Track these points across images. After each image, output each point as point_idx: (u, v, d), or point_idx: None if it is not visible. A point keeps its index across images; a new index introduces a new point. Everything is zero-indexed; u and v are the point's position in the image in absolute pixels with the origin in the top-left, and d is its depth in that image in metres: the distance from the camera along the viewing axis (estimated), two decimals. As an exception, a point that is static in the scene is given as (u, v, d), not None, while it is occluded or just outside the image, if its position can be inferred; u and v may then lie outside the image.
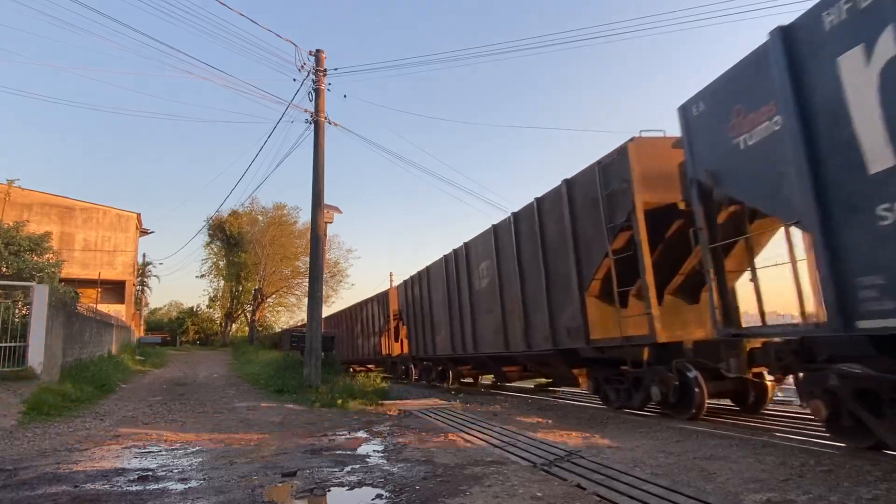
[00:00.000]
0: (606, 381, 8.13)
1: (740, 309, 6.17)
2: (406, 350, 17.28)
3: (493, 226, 10.71)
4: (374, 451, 5.64)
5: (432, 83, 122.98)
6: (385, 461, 5.03)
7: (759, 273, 6.18)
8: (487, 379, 15.02)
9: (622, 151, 7.09)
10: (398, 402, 10.91)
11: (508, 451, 5.21)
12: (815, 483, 3.59)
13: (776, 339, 5.44)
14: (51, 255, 15.60)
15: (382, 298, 19.16)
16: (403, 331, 17.65)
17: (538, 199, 9.04)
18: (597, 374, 8.34)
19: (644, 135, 7.10)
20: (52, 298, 11.21)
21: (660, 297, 7.12)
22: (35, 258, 14.49)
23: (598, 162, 7.56)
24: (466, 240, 12.37)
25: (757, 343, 5.70)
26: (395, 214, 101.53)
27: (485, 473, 4.32)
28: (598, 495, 3.61)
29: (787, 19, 4.72)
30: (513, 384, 13.65)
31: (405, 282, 16.95)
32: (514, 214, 9.90)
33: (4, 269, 13.51)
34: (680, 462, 4.39)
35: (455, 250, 12.83)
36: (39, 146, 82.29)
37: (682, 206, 6.80)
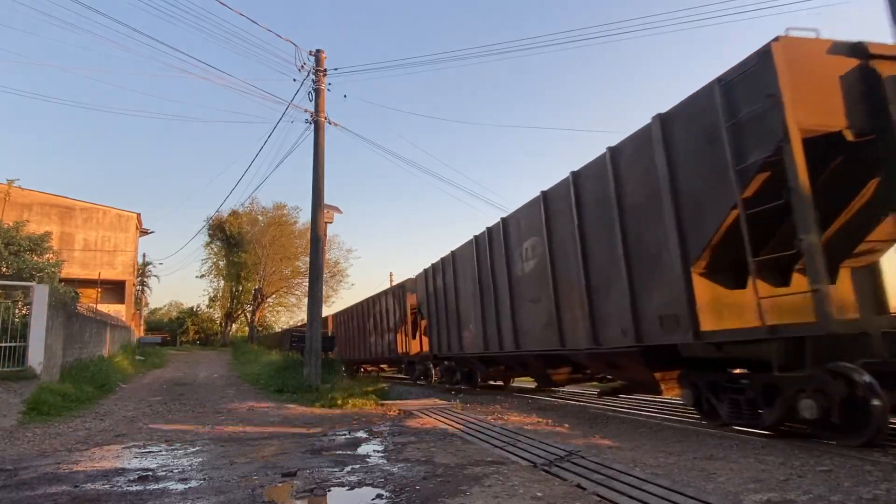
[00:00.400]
0: (713, 390, 5.95)
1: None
2: (426, 348, 15.61)
3: (543, 192, 8.63)
4: (374, 451, 5.64)
5: (433, 83, 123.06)
6: (385, 461, 5.03)
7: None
8: (520, 382, 13.62)
9: (764, 55, 4.99)
10: (398, 402, 10.91)
11: (508, 451, 5.21)
12: (815, 483, 3.58)
13: None
14: (51, 255, 15.61)
15: (398, 291, 17.67)
16: (423, 327, 16.04)
17: (612, 149, 7.02)
18: (697, 379, 6.15)
19: (792, 34, 5.02)
20: (52, 298, 11.21)
21: (785, 275, 5.43)
22: (35, 258, 14.50)
23: (719, 79, 5.41)
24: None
25: None
26: (395, 214, 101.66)
27: (485, 473, 4.32)
28: (599, 495, 3.61)
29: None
30: (515, 385, 13.58)
31: (425, 270, 15.02)
32: (575, 174, 7.85)
33: (4, 269, 13.51)
34: (680, 462, 4.39)
35: (489, 228, 10.80)
36: (39, 146, 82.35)
37: (849, 135, 4.90)
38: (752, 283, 5.12)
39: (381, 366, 21.07)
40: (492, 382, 13.38)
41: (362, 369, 21.42)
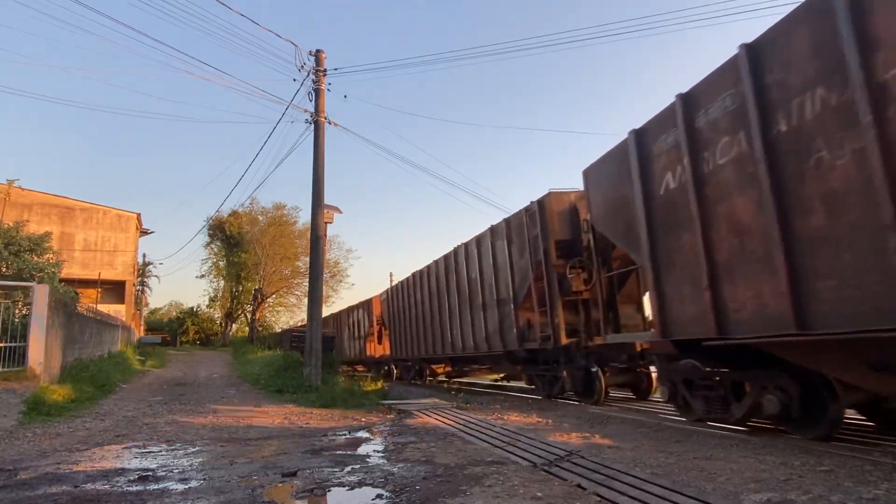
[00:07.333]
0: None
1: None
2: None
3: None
4: (374, 450, 5.64)
5: (434, 84, 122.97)
6: (385, 461, 5.03)
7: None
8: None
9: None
10: (398, 401, 10.90)
11: (508, 451, 5.21)
12: (815, 483, 3.59)
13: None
14: (51, 256, 15.59)
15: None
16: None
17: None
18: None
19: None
20: (51, 299, 11.20)
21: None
22: (35, 258, 14.47)
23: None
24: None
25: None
26: (395, 214, 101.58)
27: (485, 473, 4.32)
28: (599, 495, 3.61)
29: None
30: (512, 384, 13.75)
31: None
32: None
33: (4, 269, 13.50)
34: (680, 462, 4.39)
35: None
36: (39, 146, 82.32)
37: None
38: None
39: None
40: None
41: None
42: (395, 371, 19.04)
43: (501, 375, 13.21)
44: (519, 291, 9.75)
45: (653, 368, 8.48)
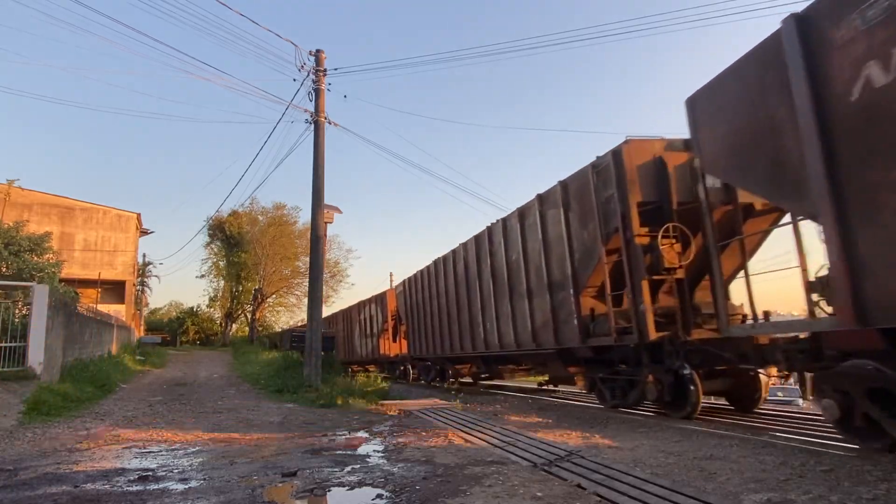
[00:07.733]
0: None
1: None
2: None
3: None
4: (374, 450, 5.64)
5: (435, 83, 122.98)
6: (385, 461, 5.03)
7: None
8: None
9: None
10: (398, 402, 10.91)
11: (509, 451, 5.21)
12: (815, 483, 3.59)
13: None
14: (51, 256, 15.60)
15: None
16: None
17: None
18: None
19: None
20: (52, 299, 11.20)
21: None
22: (35, 258, 14.48)
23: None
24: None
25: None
26: (395, 214, 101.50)
27: (485, 473, 4.32)
28: (599, 495, 3.61)
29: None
30: (510, 385, 13.71)
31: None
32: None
33: (4, 269, 13.50)
34: (680, 462, 4.39)
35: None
36: (39, 146, 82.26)
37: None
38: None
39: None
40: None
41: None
42: (411, 372, 17.60)
43: (544, 378, 11.10)
44: (581, 272, 7.79)
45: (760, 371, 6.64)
